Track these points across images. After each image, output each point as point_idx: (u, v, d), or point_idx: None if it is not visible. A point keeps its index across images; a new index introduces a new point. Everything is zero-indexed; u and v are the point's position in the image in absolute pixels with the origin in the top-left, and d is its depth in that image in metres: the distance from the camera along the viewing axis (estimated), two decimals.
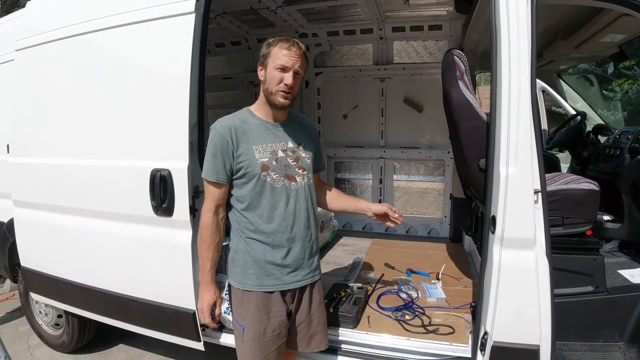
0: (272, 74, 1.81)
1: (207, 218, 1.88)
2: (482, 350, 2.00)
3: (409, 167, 4.60)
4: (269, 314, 1.89)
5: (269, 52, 1.82)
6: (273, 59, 1.80)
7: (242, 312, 1.92)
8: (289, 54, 1.79)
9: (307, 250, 1.96)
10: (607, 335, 2.19)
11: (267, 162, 1.85)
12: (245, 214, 1.88)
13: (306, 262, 1.96)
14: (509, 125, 1.84)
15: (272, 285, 1.89)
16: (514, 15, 1.84)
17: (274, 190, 1.86)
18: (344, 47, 4.55)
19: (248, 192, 1.85)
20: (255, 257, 1.87)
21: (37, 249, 3.06)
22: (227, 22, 4.01)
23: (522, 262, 1.87)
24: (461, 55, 2.44)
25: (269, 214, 1.86)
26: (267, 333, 1.88)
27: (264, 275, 1.88)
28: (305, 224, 1.94)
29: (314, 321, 2.04)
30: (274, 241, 1.87)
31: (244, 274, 1.90)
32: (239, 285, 1.91)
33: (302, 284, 1.95)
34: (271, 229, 1.87)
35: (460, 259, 3.45)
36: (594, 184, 2.36)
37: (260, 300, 1.88)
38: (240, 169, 1.84)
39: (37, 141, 2.92)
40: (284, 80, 1.79)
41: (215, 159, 1.82)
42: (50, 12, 2.86)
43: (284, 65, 1.78)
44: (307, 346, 2.06)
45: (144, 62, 2.43)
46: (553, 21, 3.11)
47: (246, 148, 1.83)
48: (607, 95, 10.23)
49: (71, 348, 3.38)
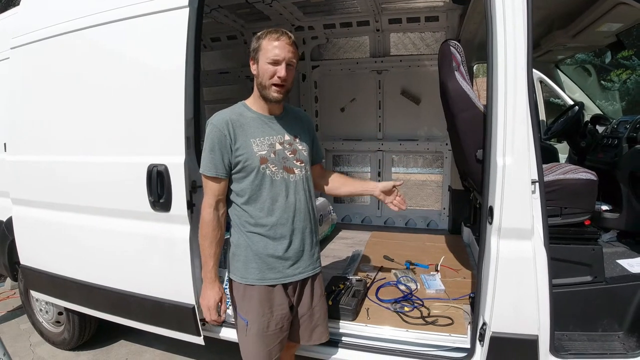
0: (264, 68, 1.80)
1: (207, 214, 1.86)
2: (481, 340, 2.01)
3: (407, 159, 4.59)
4: (272, 307, 1.89)
5: (259, 46, 1.81)
6: (264, 53, 1.79)
7: (244, 307, 1.92)
8: (279, 45, 1.77)
9: (307, 242, 1.97)
10: (606, 325, 2.19)
11: (266, 154, 1.84)
12: (245, 207, 1.87)
13: (307, 254, 1.97)
14: (506, 116, 1.83)
15: (274, 278, 1.89)
16: (509, 4, 1.82)
17: (273, 182, 1.86)
18: (340, 40, 4.53)
19: (247, 186, 1.85)
20: (256, 251, 1.87)
21: (36, 247, 3.06)
22: (222, 16, 3.99)
23: (520, 252, 1.88)
24: (457, 45, 2.43)
25: (269, 206, 1.86)
26: (270, 327, 1.89)
27: (266, 268, 1.88)
28: (305, 215, 1.94)
29: (315, 314, 2.05)
30: (275, 234, 1.88)
31: (245, 268, 1.90)
32: (241, 279, 1.91)
33: (303, 276, 1.96)
34: (272, 222, 1.87)
35: (459, 251, 3.45)
36: (592, 174, 2.35)
37: (263, 294, 1.89)
38: (238, 163, 1.83)
39: (34, 139, 2.91)
40: (277, 73, 1.78)
41: (214, 154, 1.81)
42: (44, 9, 2.84)
43: (275, 58, 1.77)
44: (309, 339, 2.07)
45: (139, 57, 2.41)
46: (549, 11, 3.10)
47: (244, 141, 1.82)
48: (605, 86, 10.21)
49: (72, 345, 3.38)
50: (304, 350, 2.26)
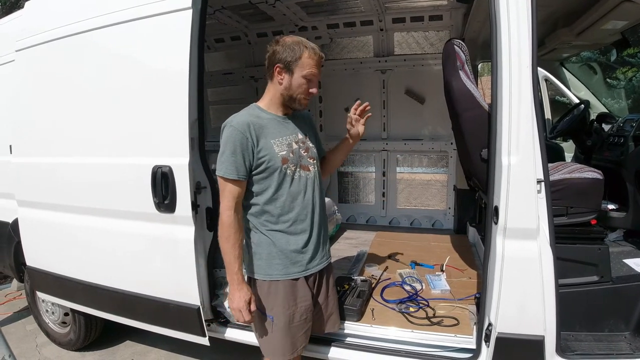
0: (298, 82, 1.87)
1: (227, 217, 1.85)
2: (486, 341, 2.00)
3: (411, 159, 4.57)
4: (297, 299, 1.96)
5: (297, 60, 1.84)
6: (301, 68, 1.85)
7: (270, 303, 1.96)
8: (317, 64, 1.87)
9: (323, 234, 2.06)
10: (613, 325, 2.18)
11: (286, 154, 1.89)
12: (266, 207, 1.91)
13: (322, 246, 2.06)
14: (510, 115, 1.82)
15: (297, 272, 1.96)
16: (513, 3, 1.81)
17: (293, 181, 1.92)
18: (344, 40, 4.51)
19: (269, 186, 1.89)
20: (280, 247, 1.93)
21: (42, 248, 3.07)
22: (226, 17, 3.99)
23: (525, 252, 1.87)
24: (461, 44, 2.42)
25: (289, 204, 1.92)
26: (295, 319, 1.96)
27: (290, 263, 1.94)
28: (320, 210, 2.03)
29: (330, 302, 2.16)
30: (296, 229, 1.94)
31: (269, 265, 1.94)
32: (264, 277, 1.95)
33: (320, 268, 2.05)
34: (292, 218, 1.93)
35: (465, 251, 3.44)
36: (598, 173, 2.34)
37: (287, 288, 1.95)
38: (261, 164, 1.86)
39: (39, 141, 2.92)
40: (311, 90, 1.89)
41: (235, 156, 1.81)
42: (48, 12, 2.85)
43: (312, 77, 1.87)
44: (324, 327, 2.15)
45: (143, 59, 2.42)
46: (554, 9, 3.08)
47: (265, 143, 1.86)
48: (610, 84, 10.13)
49: (78, 346, 3.40)
50: (309, 350, 2.27)
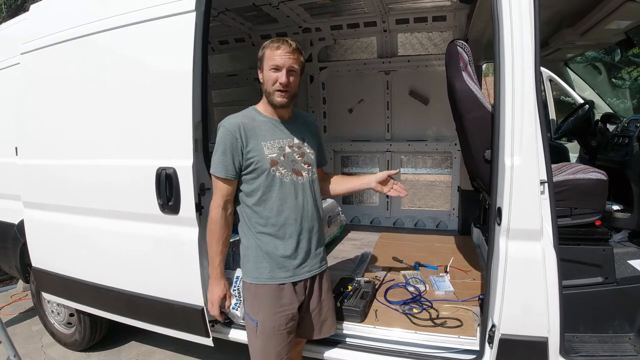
0: (267, 75, 1.91)
1: (216, 213, 1.94)
2: (490, 342, 2.00)
3: (415, 160, 4.58)
4: (282, 306, 1.95)
5: (263, 55, 1.93)
6: (267, 61, 1.90)
7: (255, 307, 1.97)
8: (280, 53, 1.87)
9: (314, 241, 2.03)
10: (617, 327, 2.17)
11: (276, 157, 1.92)
12: (255, 208, 1.94)
13: (313, 253, 2.03)
14: (513, 115, 1.82)
15: (284, 277, 1.95)
16: (516, 3, 1.81)
17: (283, 184, 1.93)
18: (347, 41, 4.53)
19: (258, 187, 1.92)
20: (267, 250, 1.94)
21: (47, 249, 3.09)
22: (230, 19, 4.01)
23: (529, 253, 1.86)
24: (464, 45, 2.42)
25: (278, 207, 1.93)
26: (280, 326, 1.94)
27: (277, 267, 1.94)
28: (312, 216, 2.01)
29: (324, 307, 2.12)
30: (284, 234, 1.94)
31: (256, 268, 1.96)
32: (252, 280, 1.97)
33: (311, 275, 2.03)
34: (281, 222, 1.93)
35: (469, 252, 3.43)
36: (602, 174, 2.33)
37: (273, 292, 1.95)
38: (249, 165, 1.90)
39: (44, 143, 2.94)
40: (278, 79, 1.88)
41: (225, 156, 1.88)
42: (53, 15, 2.87)
43: (276, 65, 1.87)
44: (319, 332, 2.14)
45: (148, 61, 2.44)
46: (558, 9, 3.07)
47: (255, 144, 1.90)
48: (615, 83, 10.06)
49: (83, 346, 3.41)
50: (312, 351, 2.27)
